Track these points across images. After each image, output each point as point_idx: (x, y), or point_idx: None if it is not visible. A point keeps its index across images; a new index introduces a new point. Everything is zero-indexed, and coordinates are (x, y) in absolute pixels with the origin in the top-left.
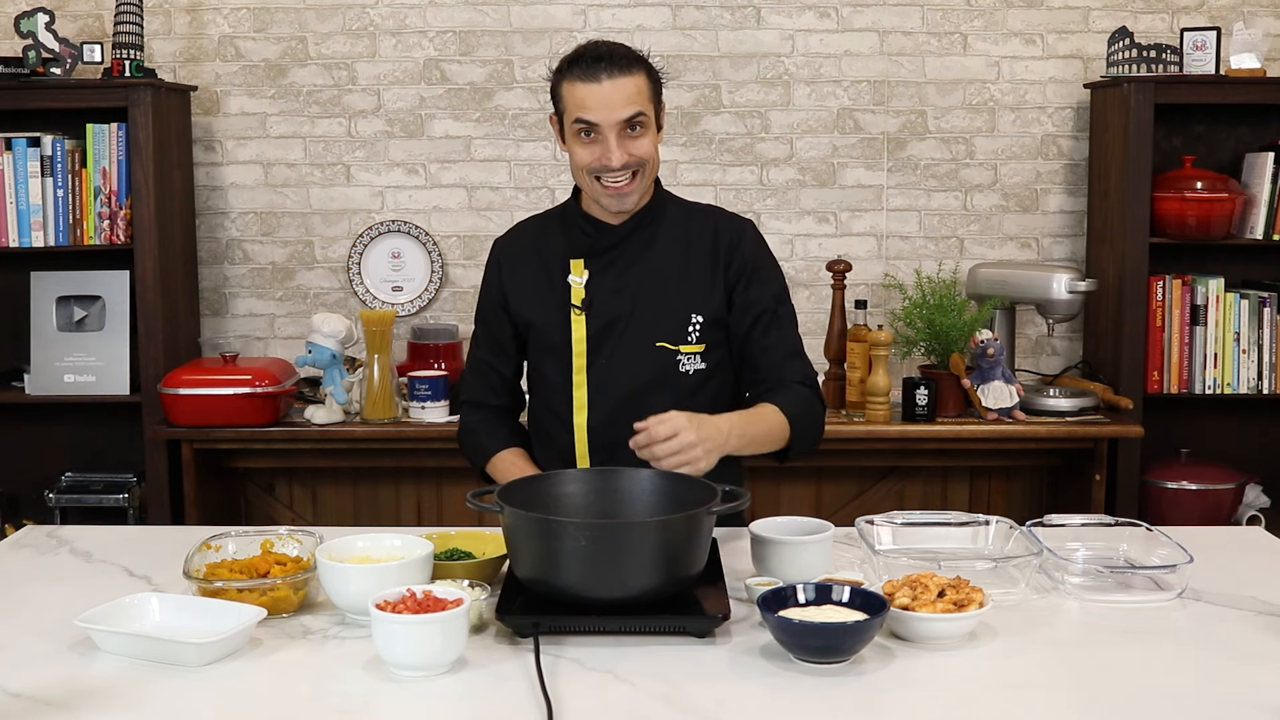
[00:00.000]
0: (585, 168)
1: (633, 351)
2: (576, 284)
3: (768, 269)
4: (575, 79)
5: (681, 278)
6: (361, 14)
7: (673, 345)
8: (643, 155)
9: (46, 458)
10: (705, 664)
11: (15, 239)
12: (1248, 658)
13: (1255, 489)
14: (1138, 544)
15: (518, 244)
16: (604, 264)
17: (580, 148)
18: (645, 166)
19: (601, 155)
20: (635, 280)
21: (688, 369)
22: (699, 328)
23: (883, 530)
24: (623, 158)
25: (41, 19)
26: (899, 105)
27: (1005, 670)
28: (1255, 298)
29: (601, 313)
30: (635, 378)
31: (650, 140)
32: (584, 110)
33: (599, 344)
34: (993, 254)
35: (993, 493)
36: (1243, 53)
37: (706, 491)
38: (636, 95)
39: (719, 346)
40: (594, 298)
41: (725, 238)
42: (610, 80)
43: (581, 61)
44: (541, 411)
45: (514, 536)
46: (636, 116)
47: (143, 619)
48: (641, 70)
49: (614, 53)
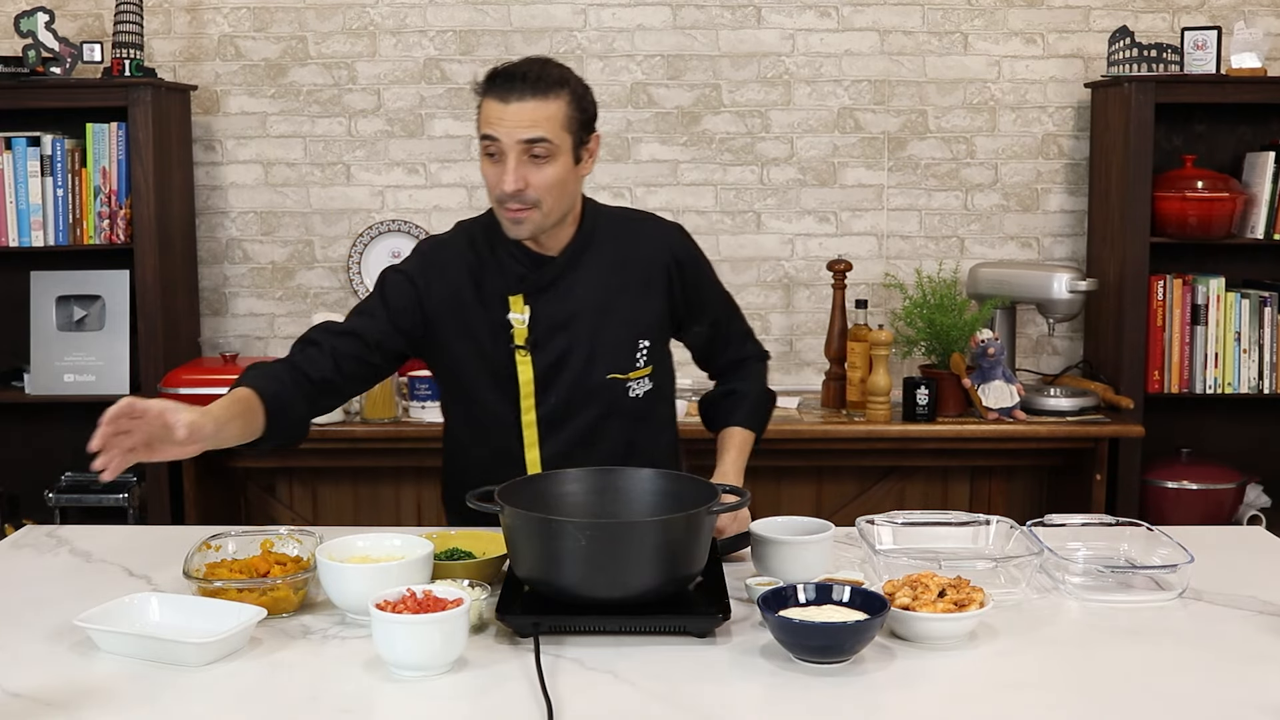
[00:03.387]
0: (491, 190)
1: (583, 388)
2: (519, 323)
3: (705, 270)
4: (489, 95)
5: (624, 303)
6: (361, 13)
7: (622, 375)
8: (542, 186)
9: (46, 458)
10: (705, 664)
11: (15, 239)
12: (1248, 658)
13: (1256, 489)
14: (1138, 544)
15: (452, 269)
16: (544, 299)
17: (486, 166)
18: (543, 203)
19: (500, 177)
20: (578, 312)
21: (637, 393)
22: (646, 351)
23: (883, 530)
24: (517, 183)
25: (41, 18)
26: (899, 105)
27: (1006, 670)
28: (1256, 297)
29: (547, 351)
30: (587, 412)
31: (556, 172)
32: (488, 126)
33: (547, 383)
34: (993, 253)
35: (993, 492)
36: (1243, 52)
37: (706, 491)
38: (545, 120)
39: (663, 360)
40: (538, 336)
41: (662, 252)
42: (519, 101)
43: (499, 78)
44: (479, 445)
45: (514, 536)
46: (538, 142)
47: (143, 619)
48: (563, 96)
49: (533, 73)
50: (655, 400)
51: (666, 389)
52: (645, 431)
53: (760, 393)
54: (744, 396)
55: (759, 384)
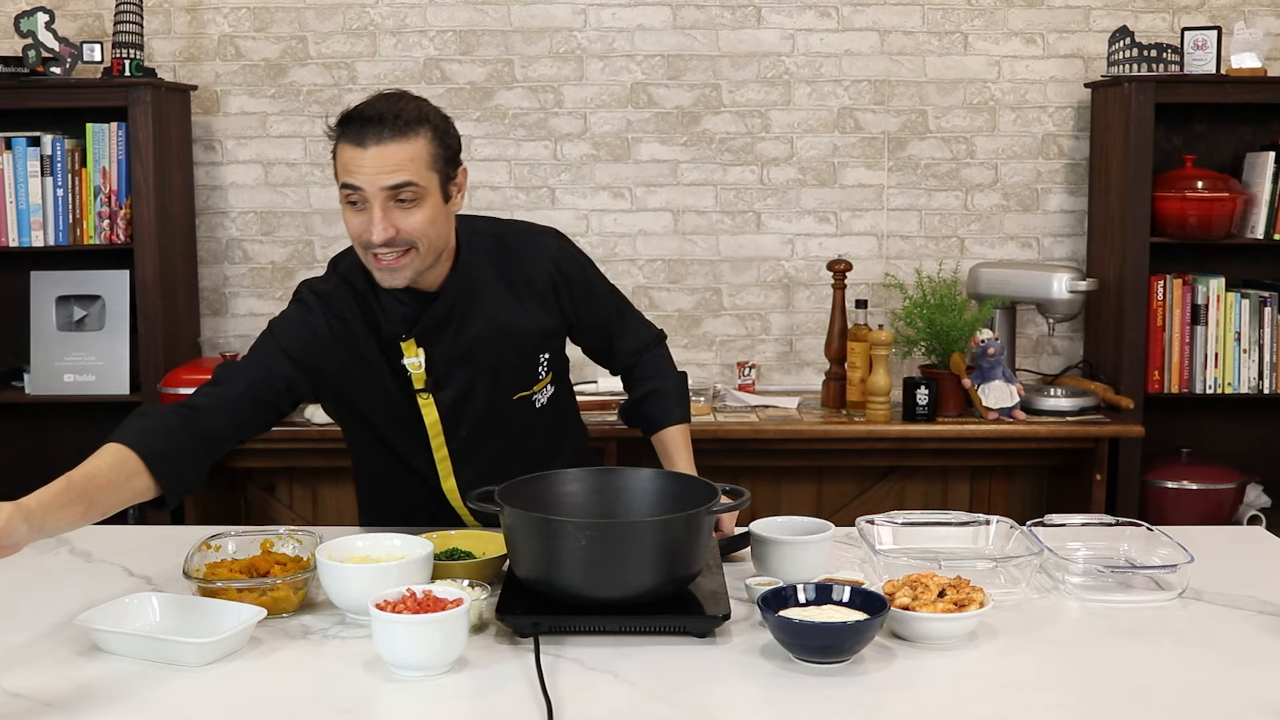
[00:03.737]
0: (356, 239)
1: (493, 415)
2: (415, 367)
3: (589, 272)
4: (345, 141)
5: (518, 322)
6: (361, 13)
7: (527, 391)
8: (413, 231)
9: (46, 458)
10: (705, 664)
11: (15, 239)
12: (1248, 658)
13: (1256, 489)
14: (1138, 544)
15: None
16: (437, 338)
17: (349, 216)
18: (418, 245)
19: (367, 227)
20: (475, 343)
21: (542, 402)
22: (546, 362)
23: (883, 530)
24: (386, 232)
25: (41, 18)
26: (899, 105)
27: (1005, 670)
28: (1256, 297)
29: (449, 389)
30: (500, 435)
31: (426, 214)
32: (347, 174)
33: (455, 420)
34: (993, 253)
35: (993, 492)
36: (1243, 52)
37: (706, 491)
38: (408, 163)
39: (559, 363)
40: (437, 376)
41: (543, 264)
42: (378, 146)
43: (353, 121)
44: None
45: (514, 536)
46: (404, 186)
47: (143, 619)
48: (424, 134)
49: (387, 113)
50: (559, 400)
51: (565, 383)
52: (556, 432)
53: (677, 383)
54: (665, 393)
55: (670, 373)
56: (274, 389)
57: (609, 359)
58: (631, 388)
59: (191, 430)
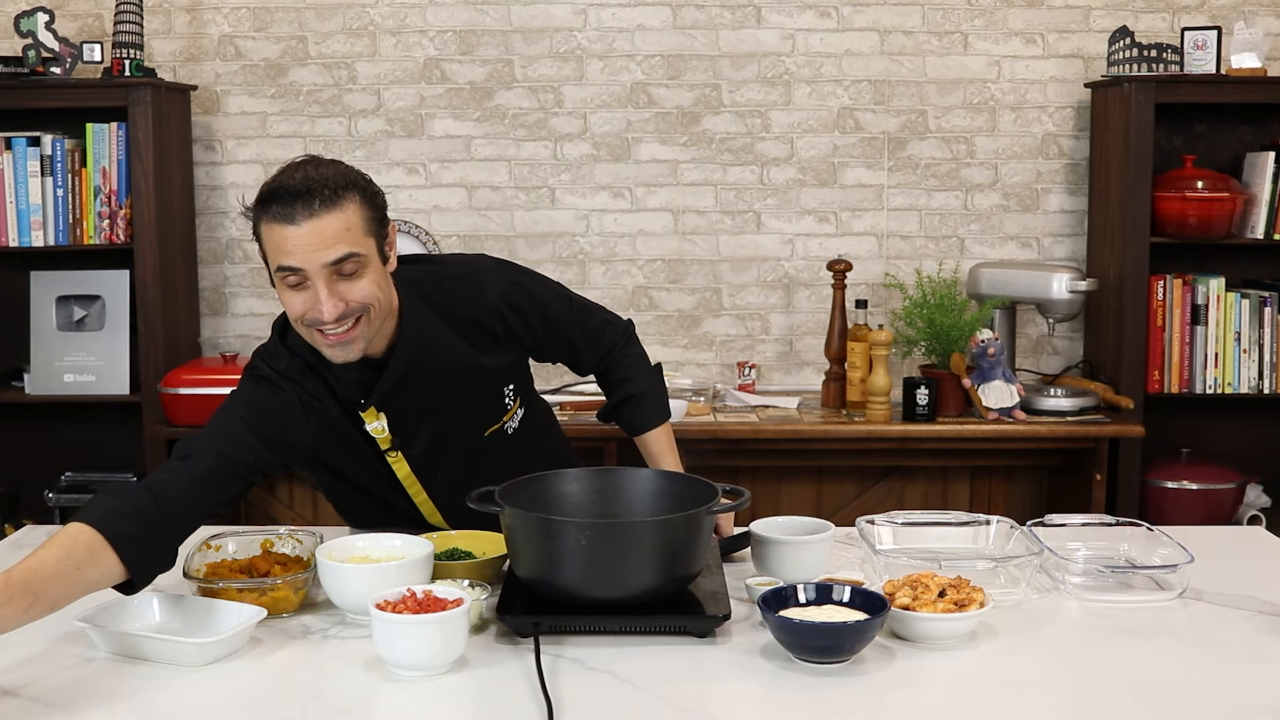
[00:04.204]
0: (299, 318)
1: (468, 454)
2: (379, 431)
3: (540, 296)
4: (271, 220)
5: (476, 365)
6: (361, 13)
7: (498, 423)
8: (363, 300)
9: (46, 458)
10: (705, 664)
11: (15, 239)
12: (1248, 658)
13: (1256, 489)
14: (1138, 544)
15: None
16: (396, 400)
17: (289, 296)
18: (370, 310)
19: (313, 305)
20: (435, 396)
21: (514, 427)
22: (511, 392)
23: (883, 530)
24: (336, 308)
25: (41, 18)
26: (899, 105)
27: (1006, 670)
28: (1256, 297)
29: (418, 443)
30: (479, 468)
31: (371, 280)
32: (284, 256)
33: (429, 469)
34: (993, 253)
35: (993, 492)
36: (1243, 52)
37: (706, 491)
38: (345, 233)
39: (524, 385)
40: (404, 434)
41: (490, 303)
42: (310, 220)
43: (277, 199)
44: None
45: (514, 536)
46: (347, 260)
47: (143, 619)
48: (352, 199)
49: (314, 184)
50: (530, 417)
51: (532, 398)
52: (534, 445)
53: (652, 382)
54: (641, 396)
55: (643, 371)
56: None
57: (577, 366)
58: (607, 391)
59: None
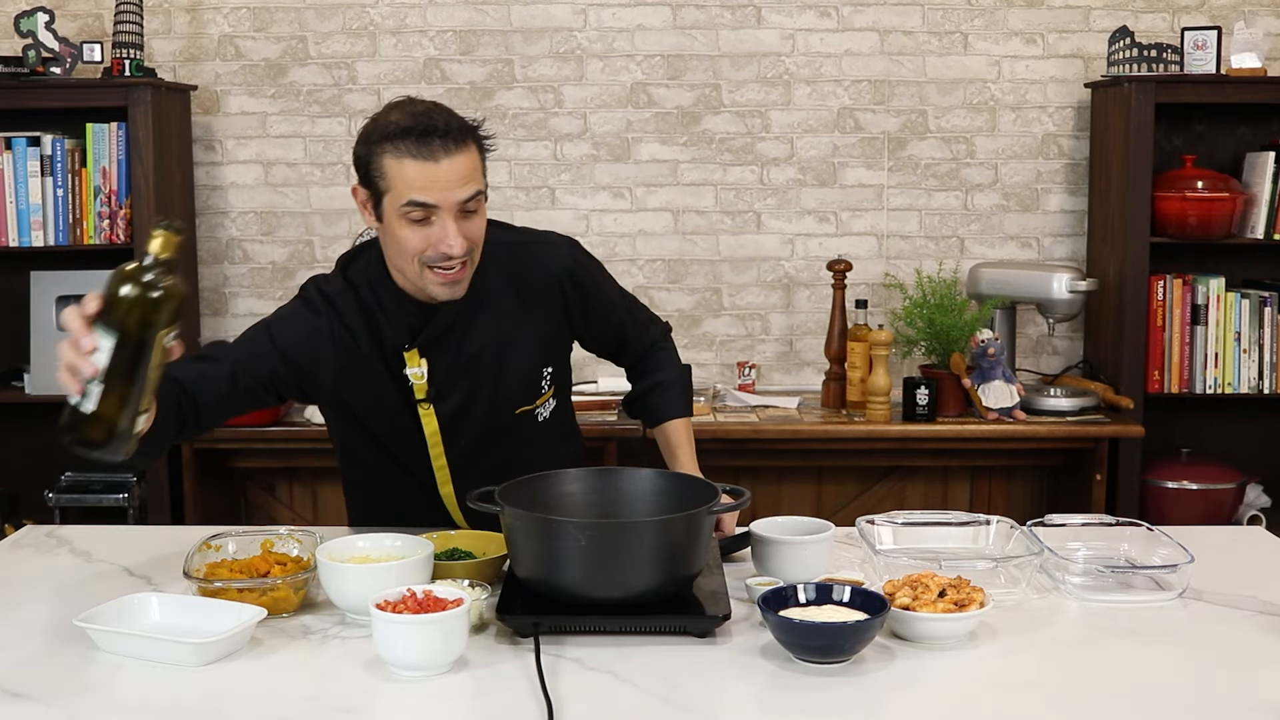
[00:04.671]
0: (418, 254)
1: (493, 428)
2: (417, 378)
3: (599, 279)
4: (404, 155)
5: (523, 335)
6: (361, 13)
7: (530, 406)
8: (477, 238)
9: (46, 458)
10: (705, 664)
11: (15, 239)
12: (1248, 658)
13: (1256, 489)
14: (1138, 544)
15: (348, 324)
16: (440, 348)
17: (409, 232)
18: (475, 252)
19: (438, 241)
20: (478, 355)
21: (544, 416)
22: (549, 376)
23: (883, 530)
24: (462, 244)
25: (41, 18)
26: (899, 105)
27: (1006, 670)
28: (1256, 297)
29: (450, 401)
30: (500, 448)
31: (483, 219)
32: (419, 192)
33: (454, 432)
34: (993, 253)
35: (993, 492)
36: (1243, 52)
37: (706, 491)
38: (474, 172)
39: (562, 375)
40: (439, 386)
41: (553, 274)
42: (448, 159)
43: (412, 134)
44: (385, 476)
45: (514, 536)
46: (474, 197)
47: (143, 619)
48: (474, 141)
49: (448, 125)
50: (561, 413)
51: (566, 394)
52: (556, 444)
53: (681, 376)
54: (669, 385)
55: (674, 367)
56: (259, 382)
57: (617, 358)
58: (635, 380)
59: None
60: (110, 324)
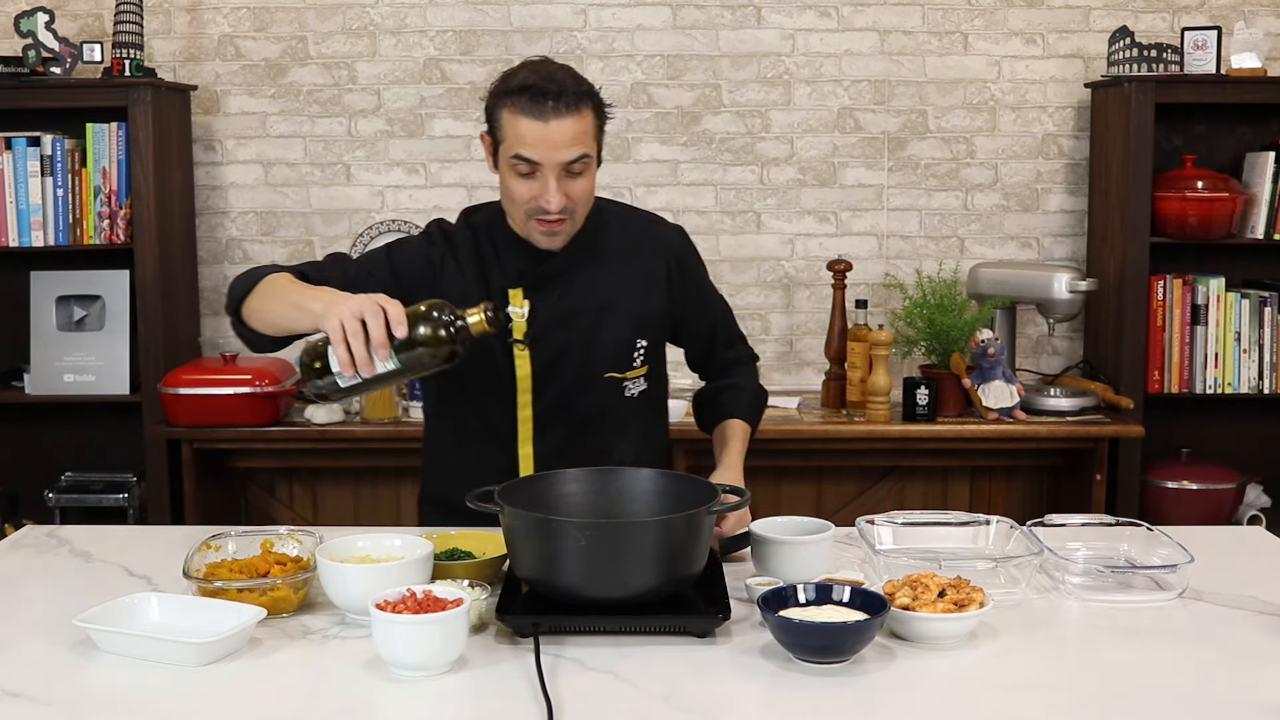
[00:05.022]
0: (522, 204)
1: (581, 386)
2: (518, 316)
3: (703, 274)
4: (519, 111)
5: (624, 301)
6: (361, 13)
7: (620, 374)
8: (578, 199)
9: (46, 458)
10: (705, 664)
11: (15, 239)
12: (1248, 658)
13: (1256, 489)
14: (1138, 544)
15: (461, 258)
16: (544, 294)
17: (516, 182)
18: (578, 210)
19: (539, 195)
20: (579, 309)
21: (633, 393)
22: (643, 351)
23: (883, 530)
24: (560, 202)
25: (41, 18)
26: (899, 105)
27: (1005, 670)
28: (1256, 297)
29: (546, 347)
30: (584, 411)
31: (589, 180)
32: (525, 147)
33: (544, 380)
34: (993, 253)
35: (993, 492)
36: (1243, 52)
37: (706, 491)
38: (582, 135)
39: (658, 363)
40: (536, 331)
41: (663, 252)
42: (557, 120)
43: (529, 92)
44: (469, 439)
45: (514, 536)
46: (579, 159)
47: (143, 619)
48: (589, 106)
49: (564, 87)
50: (649, 402)
51: (660, 393)
52: (637, 433)
53: (756, 389)
54: (741, 390)
55: (753, 381)
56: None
57: (705, 363)
58: (712, 380)
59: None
60: (398, 352)
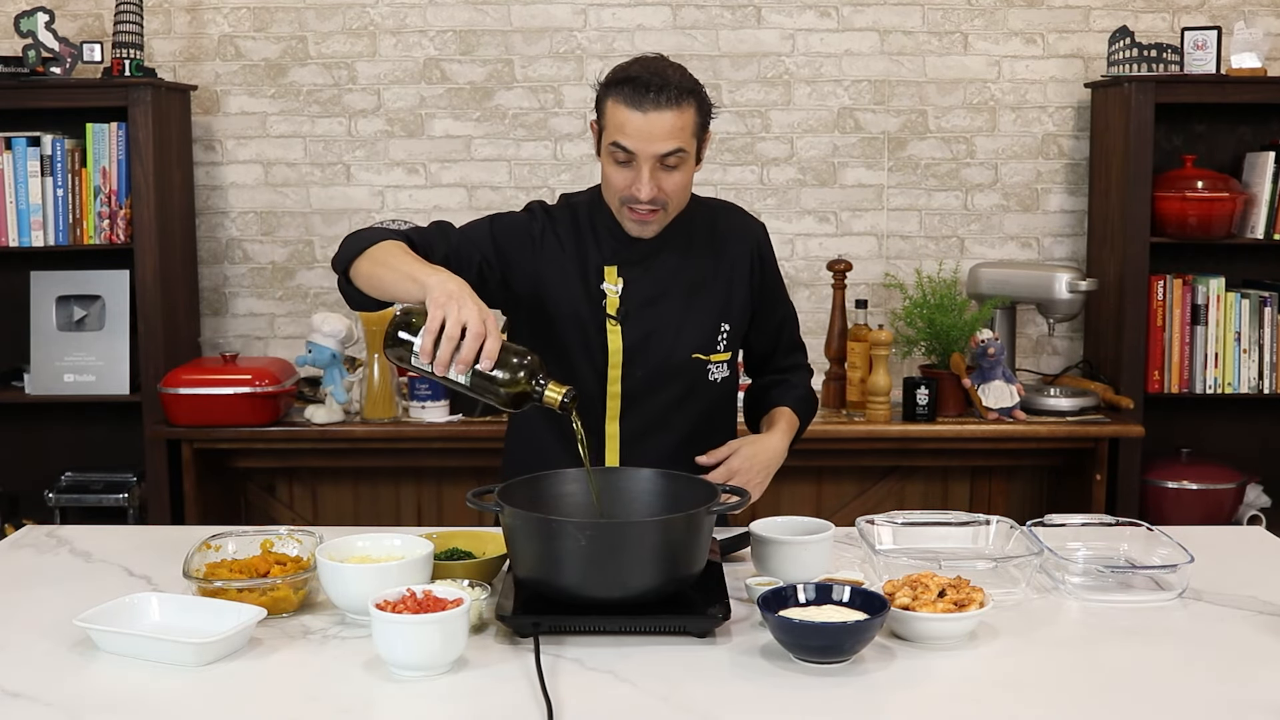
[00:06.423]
0: (617, 192)
1: (669, 365)
2: (612, 293)
3: (779, 274)
4: (620, 100)
5: (713, 286)
6: (361, 13)
7: (705, 356)
8: (671, 193)
9: (46, 457)
10: (705, 664)
11: (15, 239)
12: (1248, 658)
13: (1256, 489)
14: (1138, 544)
15: (561, 234)
16: (638, 273)
17: (613, 170)
18: (671, 203)
19: (632, 184)
20: (668, 290)
21: (716, 377)
22: (726, 336)
23: (883, 530)
24: (652, 192)
25: (41, 18)
26: (899, 105)
27: (1005, 670)
28: (1256, 297)
29: (637, 325)
30: (670, 390)
31: (685, 175)
32: (622, 136)
33: (634, 356)
34: (993, 253)
35: (993, 492)
36: (1243, 52)
37: (706, 491)
38: (679, 130)
39: (735, 350)
40: (629, 308)
41: (751, 246)
42: (656, 112)
43: (631, 84)
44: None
45: (514, 536)
46: (675, 153)
47: (143, 619)
48: (691, 103)
49: (666, 81)
50: (729, 388)
51: (735, 384)
52: (717, 417)
53: (809, 390)
54: (794, 386)
55: (807, 384)
56: (471, 261)
57: (764, 364)
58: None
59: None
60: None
